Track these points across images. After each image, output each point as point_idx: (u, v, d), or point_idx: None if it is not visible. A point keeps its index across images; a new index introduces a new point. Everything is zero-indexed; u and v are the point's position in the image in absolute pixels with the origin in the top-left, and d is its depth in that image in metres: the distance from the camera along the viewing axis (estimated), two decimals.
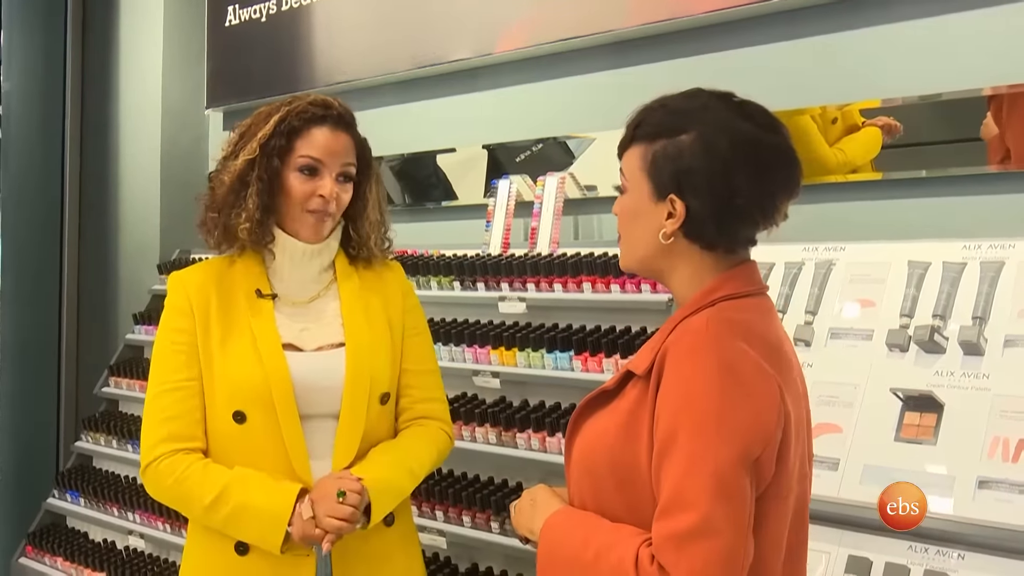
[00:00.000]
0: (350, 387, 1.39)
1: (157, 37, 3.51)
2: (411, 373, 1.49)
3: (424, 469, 1.46)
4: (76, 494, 3.09)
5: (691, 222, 1.00)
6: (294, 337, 1.40)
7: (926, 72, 1.91)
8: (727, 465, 0.90)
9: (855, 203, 2.00)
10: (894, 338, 1.67)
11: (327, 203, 1.39)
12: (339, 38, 3.06)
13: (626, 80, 2.39)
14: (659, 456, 0.94)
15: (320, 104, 1.41)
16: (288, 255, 1.42)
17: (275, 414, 1.35)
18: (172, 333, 1.40)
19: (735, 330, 0.97)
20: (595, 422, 1.05)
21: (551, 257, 2.25)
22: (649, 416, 0.97)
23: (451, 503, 2.17)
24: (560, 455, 2.05)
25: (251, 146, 1.38)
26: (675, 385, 0.95)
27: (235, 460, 1.36)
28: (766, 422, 0.94)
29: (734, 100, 1.03)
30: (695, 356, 0.95)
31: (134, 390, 3.11)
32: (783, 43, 2.12)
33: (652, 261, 1.05)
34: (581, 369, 2.08)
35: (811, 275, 1.84)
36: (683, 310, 1.02)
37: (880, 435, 1.60)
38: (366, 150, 1.47)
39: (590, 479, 1.03)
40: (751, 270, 1.05)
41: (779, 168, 1.00)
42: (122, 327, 3.52)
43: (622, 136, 1.06)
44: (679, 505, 0.90)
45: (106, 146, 3.74)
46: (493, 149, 2.66)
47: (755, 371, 0.95)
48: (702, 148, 0.98)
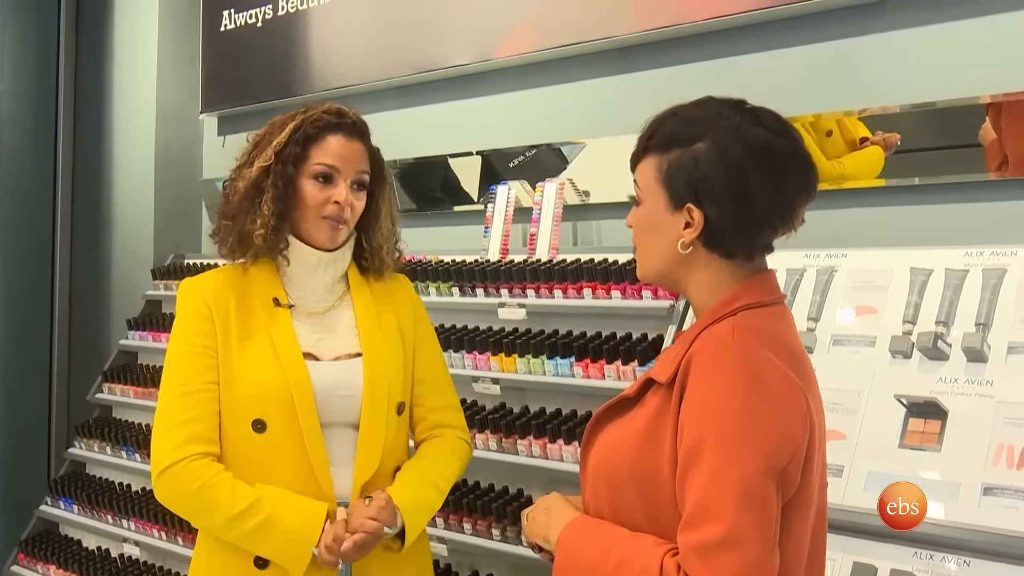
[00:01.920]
0: (368, 396, 1.39)
1: (152, 41, 3.48)
2: (424, 383, 1.50)
3: (449, 483, 1.47)
4: (69, 501, 3.05)
5: (709, 230, 1.00)
6: (311, 346, 1.40)
7: (923, 79, 1.91)
8: (754, 476, 0.90)
9: (856, 210, 2.00)
10: (897, 345, 1.66)
11: (342, 210, 1.39)
12: (335, 43, 3.04)
13: (626, 86, 2.38)
14: (684, 466, 0.93)
15: (334, 112, 1.41)
16: (303, 264, 1.42)
17: (296, 422, 1.34)
18: (192, 336, 1.38)
19: (761, 339, 0.97)
20: (613, 430, 1.04)
21: (551, 263, 2.24)
22: (672, 424, 0.96)
23: (451, 510, 2.15)
24: (560, 462, 2.04)
25: (266, 153, 1.38)
26: (701, 394, 0.94)
27: (252, 470, 1.34)
28: (793, 432, 0.94)
29: (746, 107, 1.03)
30: (722, 365, 0.94)
31: (128, 396, 3.07)
32: (778, 51, 2.12)
33: (670, 271, 1.04)
34: (582, 375, 2.07)
35: (813, 282, 1.84)
36: (704, 319, 1.02)
37: (884, 442, 1.60)
38: (379, 160, 1.47)
39: (608, 487, 1.02)
40: (770, 279, 1.05)
41: (795, 171, 1.00)
42: (115, 332, 3.48)
43: (634, 148, 1.06)
44: (705, 516, 0.90)
45: (99, 150, 3.70)
46: (487, 155, 2.65)
47: (782, 381, 0.95)
48: (717, 156, 0.98)
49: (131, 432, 2.98)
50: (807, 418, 0.95)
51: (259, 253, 1.40)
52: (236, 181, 1.41)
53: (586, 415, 2.10)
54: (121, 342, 3.24)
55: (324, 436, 1.36)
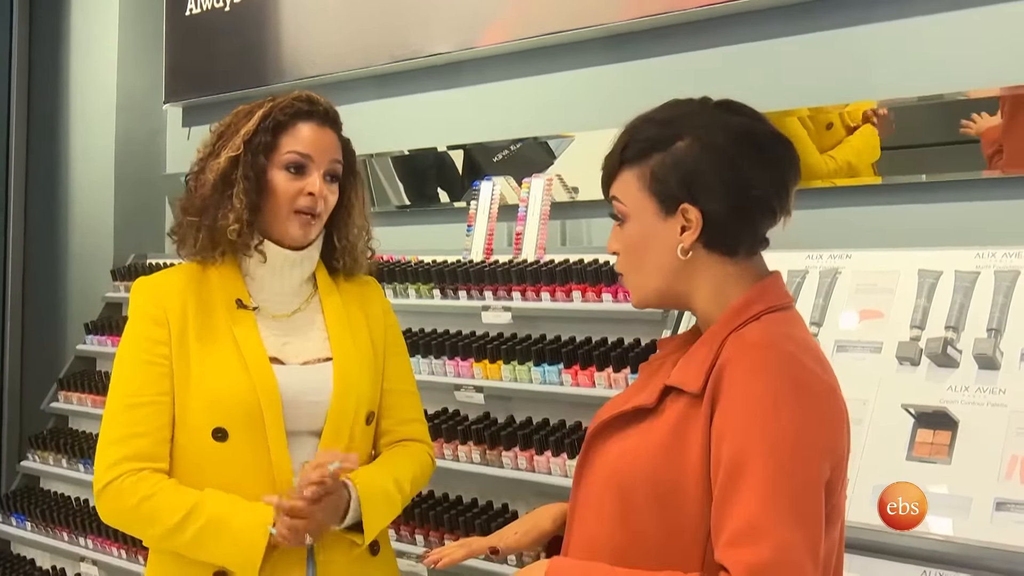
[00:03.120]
0: (337, 403, 1.36)
1: (112, 26, 3.41)
2: (392, 393, 1.47)
3: (407, 481, 1.43)
4: (22, 518, 2.98)
5: (710, 227, 0.99)
6: (277, 350, 1.37)
7: (925, 72, 1.88)
8: (804, 490, 0.90)
9: (859, 208, 1.98)
10: (905, 351, 1.64)
11: (316, 201, 1.35)
12: (308, 29, 2.99)
13: (617, 76, 2.35)
14: (727, 479, 0.91)
15: (305, 100, 1.38)
16: (269, 263, 1.38)
17: (261, 430, 1.31)
18: (143, 343, 1.34)
19: (796, 345, 0.96)
20: (625, 440, 1.02)
21: (538, 264, 2.20)
22: (701, 436, 0.95)
23: (432, 526, 2.11)
24: (548, 475, 2.01)
25: (234, 143, 1.34)
26: (741, 405, 0.93)
27: (211, 481, 1.31)
28: (836, 443, 0.94)
29: (715, 101, 1.04)
30: (763, 374, 0.93)
31: (85, 405, 3.00)
32: (777, 40, 2.09)
33: (671, 285, 1.03)
34: (571, 383, 2.04)
35: (816, 284, 1.81)
36: (723, 324, 1.00)
37: (891, 454, 1.58)
38: (350, 152, 1.44)
39: (618, 499, 1.00)
40: (780, 281, 1.05)
41: (780, 151, 1.01)
42: (72, 337, 3.41)
43: (605, 166, 1.05)
44: (756, 533, 0.88)
45: (55, 143, 3.63)
46: (470, 149, 2.60)
47: (824, 389, 0.95)
48: (702, 148, 0.98)
49: (88, 443, 2.91)
50: (847, 428, 0.96)
51: (228, 251, 1.36)
52: (201, 173, 1.36)
53: (575, 425, 2.06)
54: (78, 347, 3.18)
55: (288, 444, 1.33)
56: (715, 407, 0.94)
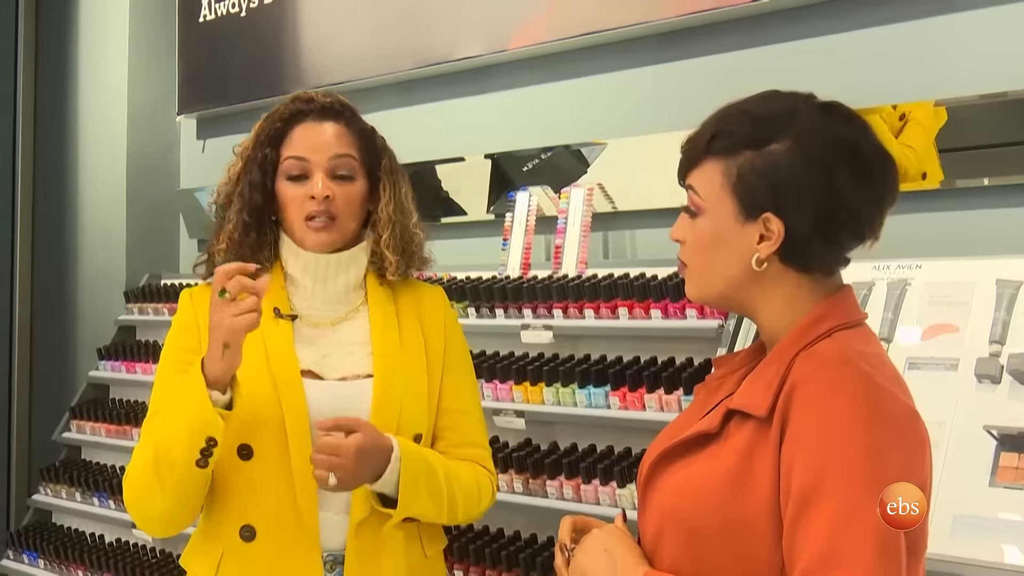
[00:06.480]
0: (373, 423, 1.34)
1: (122, 33, 3.48)
2: (450, 413, 1.45)
3: (457, 483, 1.38)
4: (34, 555, 3.03)
5: (791, 242, 0.98)
6: (314, 364, 1.38)
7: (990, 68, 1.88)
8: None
9: (919, 215, 1.97)
10: (984, 368, 1.64)
11: (320, 203, 1.36)
12: (328, 34, 3.04)
13: (660, 79, 2.36)
14: (800, 506, 0.91)
15: (302, 100, 1.40)
16: (309, 270, 1.41)
17: (287, 450, 1.32)
18: (174, 351, 1.40)
19: (873, 364, 0.96)
20: (688, 469, 1.02)
21: (580, 279, 2.22)
22: (771, 462, 0.95)
23: (473, 561, 2.12)
24: (596, 505, 2.01)
25: (235, 164, 1.42)
26: (817, 428, 0.93)
27: (235, 500, 1.35)
28: (920, 468, 0.95)
29: (820, 101, 1.02)
30: (837, 396, 0.93)
31: (99, 435, 3.05)
32: (819, 38, 2.09)
33: (737, 291, 1.03)
34: (618, 406, 2.04)
35: (884, 297, 1.81)
36: (791, 342, 1.00)
37: (972, 480, 1.57)
38: (372, 141, 1.44)
39: (683, 533, 1.00)
40: (852, 295, 1.05)
41: (882, 171, 1.00)
42: (84, 363, 3.46)
43: (687, 150, 1.04)
44: (836, 563, 0.88)
45: (64, 158, 3.70)
46: (498, 158, 2.63)
47: (905, 412, 0.96)
48: (800, 157, 0.97)
49: (103, 476, 2.96)
50: (929, 451, 0.97)
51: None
52: (217, 199, 1.45)
53: (624, 452, 2.08)
54: (91, 374, 3.23)
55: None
56: (784, 431, 0.95)
